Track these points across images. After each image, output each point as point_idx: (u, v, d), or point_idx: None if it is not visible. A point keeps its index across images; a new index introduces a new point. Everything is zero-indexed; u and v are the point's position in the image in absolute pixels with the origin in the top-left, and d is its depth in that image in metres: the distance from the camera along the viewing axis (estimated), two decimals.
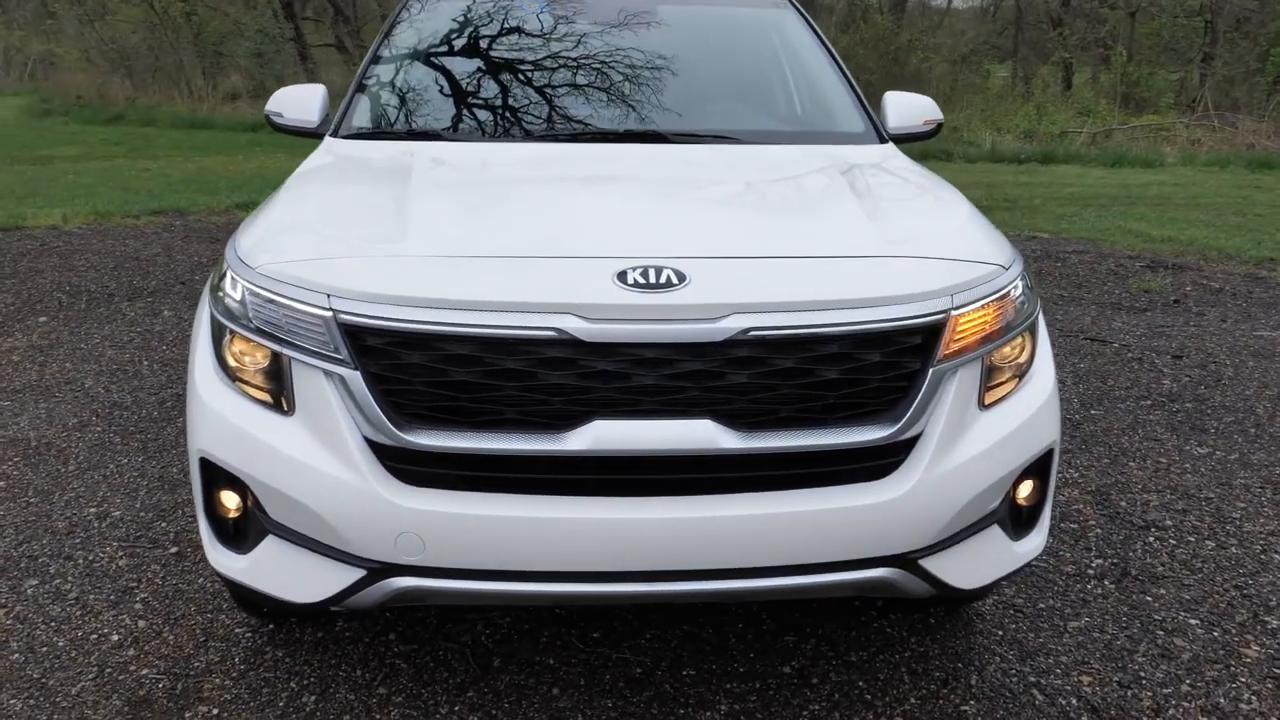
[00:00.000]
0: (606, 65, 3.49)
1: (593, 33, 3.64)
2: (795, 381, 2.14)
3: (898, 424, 2.18)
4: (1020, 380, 2.43)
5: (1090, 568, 3.41)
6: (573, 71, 3.49)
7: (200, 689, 2.70)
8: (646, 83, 3.44)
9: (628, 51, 3.54)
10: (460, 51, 3.63)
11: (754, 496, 2.14)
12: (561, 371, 2.08)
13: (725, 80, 3.62)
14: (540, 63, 3.54)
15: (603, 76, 3.47)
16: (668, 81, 3.47)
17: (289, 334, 2.17)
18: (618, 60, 3.50)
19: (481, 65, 3.57)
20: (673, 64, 3.53)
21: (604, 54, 3.53)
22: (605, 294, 2.08)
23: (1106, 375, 5.50)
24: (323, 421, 2.15)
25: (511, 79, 3.51)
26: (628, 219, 2.46)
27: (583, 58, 3.52)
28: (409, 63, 3.61)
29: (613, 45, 3.56)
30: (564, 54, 3.56)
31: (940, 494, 2.20)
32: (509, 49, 3.63)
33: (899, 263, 2.29)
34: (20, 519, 3.65)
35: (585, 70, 3.49)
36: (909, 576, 2.24)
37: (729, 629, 3.00)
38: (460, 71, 3.55)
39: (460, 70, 3.56)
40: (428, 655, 2.86)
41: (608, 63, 3.49)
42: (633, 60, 3.51)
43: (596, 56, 3.53)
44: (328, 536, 2.16)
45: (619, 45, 3.56)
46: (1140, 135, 18.10)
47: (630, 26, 3.65)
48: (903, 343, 2.19)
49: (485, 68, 3.55)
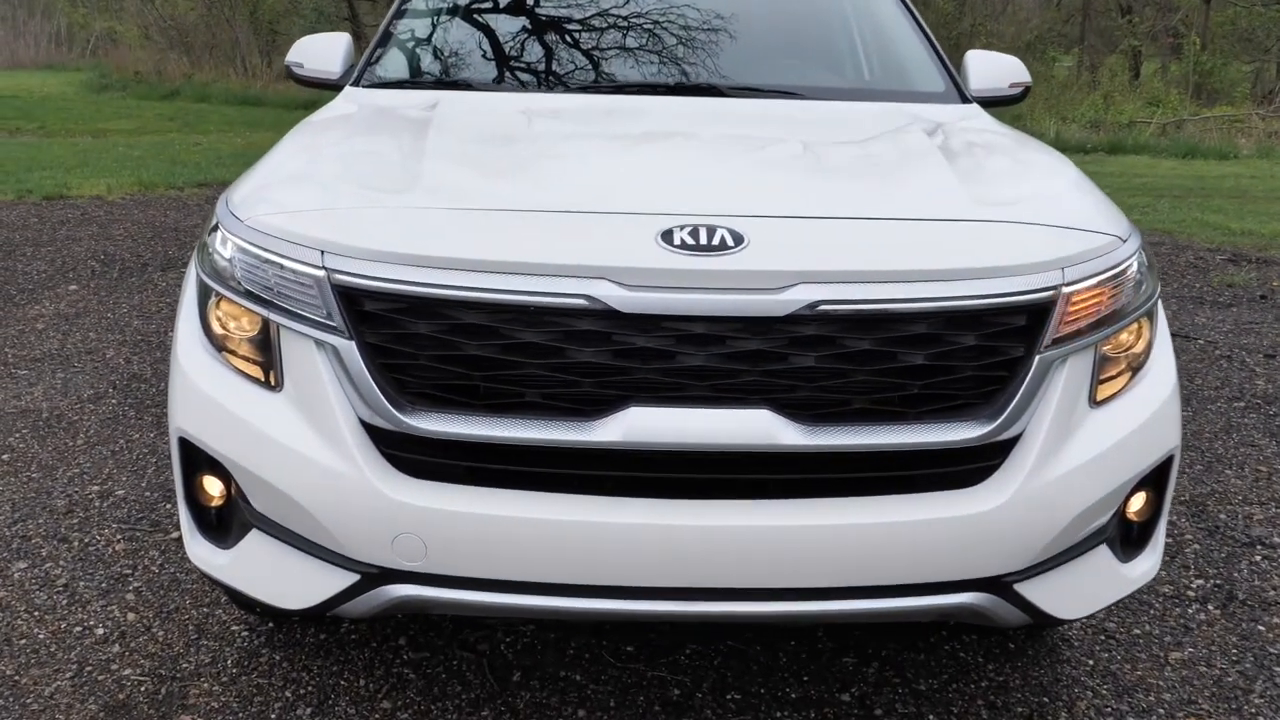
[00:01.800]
0: (656, 13, 3.14)
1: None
2: (872, 367, 1.79)
3: (995, 421, 1.81)
4: (1135, 374, 2.05)
5: (1190, 589, 3.01)
6: (619, 19, 3.14)
7: (186, 694, 2.42)
8: (699, 33, 3.08)
9: (680, 1, 3.18)
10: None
11: (818, 503, 1.79)
12: (593, 347, 1.75)
13: (788, 32, 3.23)
14: (583, 9, 3.19)
15: (652, 25, 3.11)
16: (723, 32, 3.11)
17: (278, 297, 1.86)
18: (669, 9, 3.14)
19: (520, 11, 3.23)
20: (729, 13, 3.16)
21: (654, 2, 3.17)
22: (647, 256, 1.74)
23: (1193, 374, 5.05)
24: (313, 400, 1.84)
25: (551, 27, 3.17)
26: (676, 172, 2.11)
27: (630, 4, 3.17)
28: (440, 8, 3.28)
29: None
30: (610, 1, 3.21)
31: (1043, 507, 1.84)
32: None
33: (1000, 229, 1.92)
34: (19, 495, 3.41)
35: (633, 18, 3.14)
36: (1002, 604, 1.88)
37: (780, 648, 2.66)
38: (496, 18, 3.22)
39: (496, 16, 3.22)
40: (440, 665, 2.55)
41: (658, 11, 3.14)
42: (685, 9, 3.15)
43: (646, 4, 3.17)
44: (316, 534, 1.85)
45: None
46: (1213, 126, 17.31)
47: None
48: (1004, 324, 1.82)
49: (524, 14, 3.22)
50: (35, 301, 5.82)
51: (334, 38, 3.22)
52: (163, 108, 19.49)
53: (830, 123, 2.66)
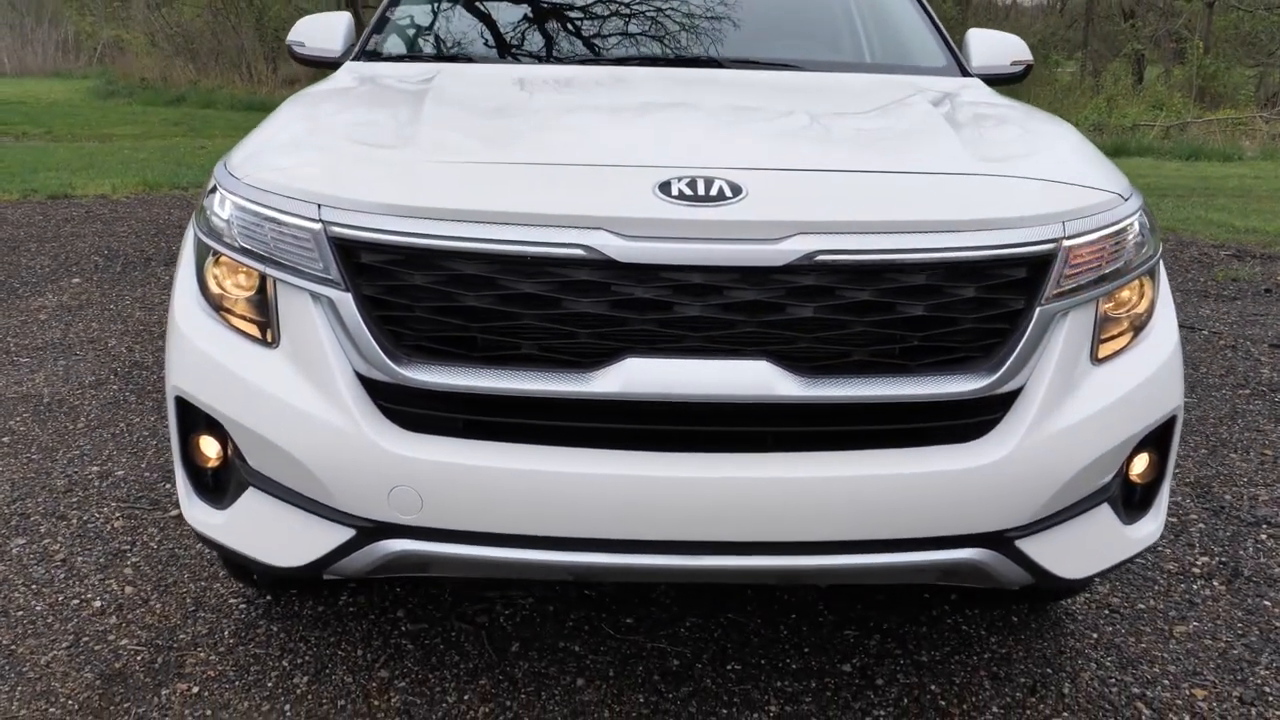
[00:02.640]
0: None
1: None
2: (871, 318, 1.77)
3: (995, 374, 1.80)
4: (1137, 334, 2.04)
5: (1195, 566, 2.99)
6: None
7: (182, 663, 2.41)
8: (699, 10, 3.07)
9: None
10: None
11: (817, 456, 1.78)
12: (590, 298, 1.74)
13: (787, 8, 3.22)
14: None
15: (653, 5, 3.11)
16: (722, 10, 3.10)
17: (276, 251, 1.86)
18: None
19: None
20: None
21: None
22: (644, 206, 1.73)
23: (1198, 363, 5.03)
24: (309, 355, 1.83)
25: (552, 3, 3.16)
26: (675, 129, 2.10)
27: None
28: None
29: None
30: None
31: (1045, 462, 1.82)
32: None
33: (1001, 182, 1.91)
34: (18, 475, 3.40)
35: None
36: (1003, 560, 1.86)
37: (781, 620, 2.64)
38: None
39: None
40: (438, 636, 2.53)
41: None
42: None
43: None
44: (311, 489, 1.84)
45: None
46: (1217, 129, 17.29)
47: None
48: (1004, 276, 1.81)
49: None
50: (38, 294, 5.82)
51: (335, 16, 3.22)
52: (168, 113, 19.56)
53: (830, 89, 2.65)
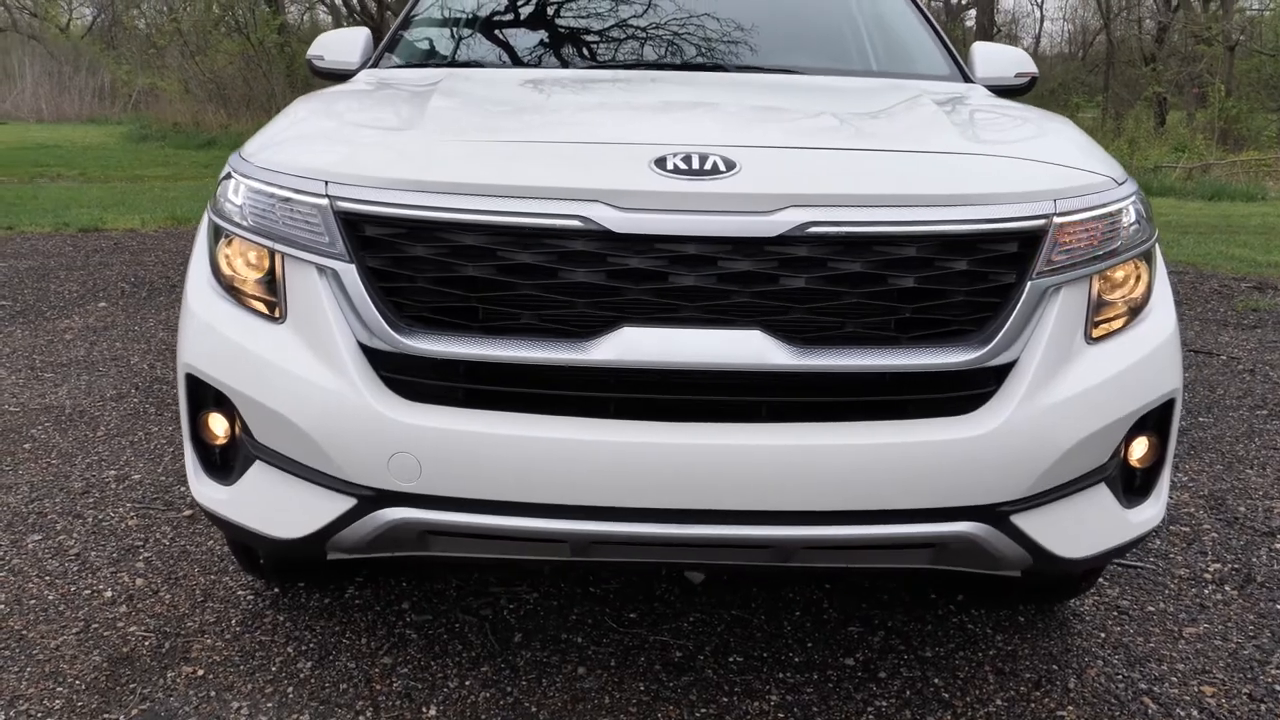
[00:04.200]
0: (665, 1, 3.21)
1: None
2: (863, 290, 1.80)
3: (987, 346, 1.81)
4: (1134, 317, 2.05)
5: (1207, 572, 2.96)
6: (630, 6, 3.22)
7: (188, 649, 2.43)
8: (703, 20, 3.15)
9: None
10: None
11: (810, 426, 1.80)
12: (587, 268, 1.78)
13: (790, 18, 3.29)
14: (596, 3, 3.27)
15: (660, 12, 3.18)
16: (726, 20, 3.17)
17: (284, 227, 1.91)
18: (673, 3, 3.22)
19: (534, 3, 3.32)
20: (737, 4, 3.22)
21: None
22: (640, 180, 1.77)
23: (1215, 385, 5.00)
24: (314, 326, 1.87)
25: (564, 12, 3.25)
26: (670, 110, 2.16)
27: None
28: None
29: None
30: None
31: (1038, 434, 1.83)
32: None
33: (993, 161, 1.94)
34: (38, 478, 3.46)
35: (643, 5, 3.21)
36: (998, 535, 1.86)
37: (784, 615, 2.63)
38: (511, 5, 3.31)
39: (511, 4, 3.31)
40: (442, 627, 2.55)
41: (662, 4, 3.22)
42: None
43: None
44: (314, 458, 1.88)
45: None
46: (1240, 170, 17.27)
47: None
48: (995, 250, 1.84)
49: (537, 1, 3.30)
50: (65, 316, 5.94)
51: (354, 32, 3.31)
52: (199, 156, 19.95)
53: (830, 88, 2.71)
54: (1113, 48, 25.64)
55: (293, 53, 26.12)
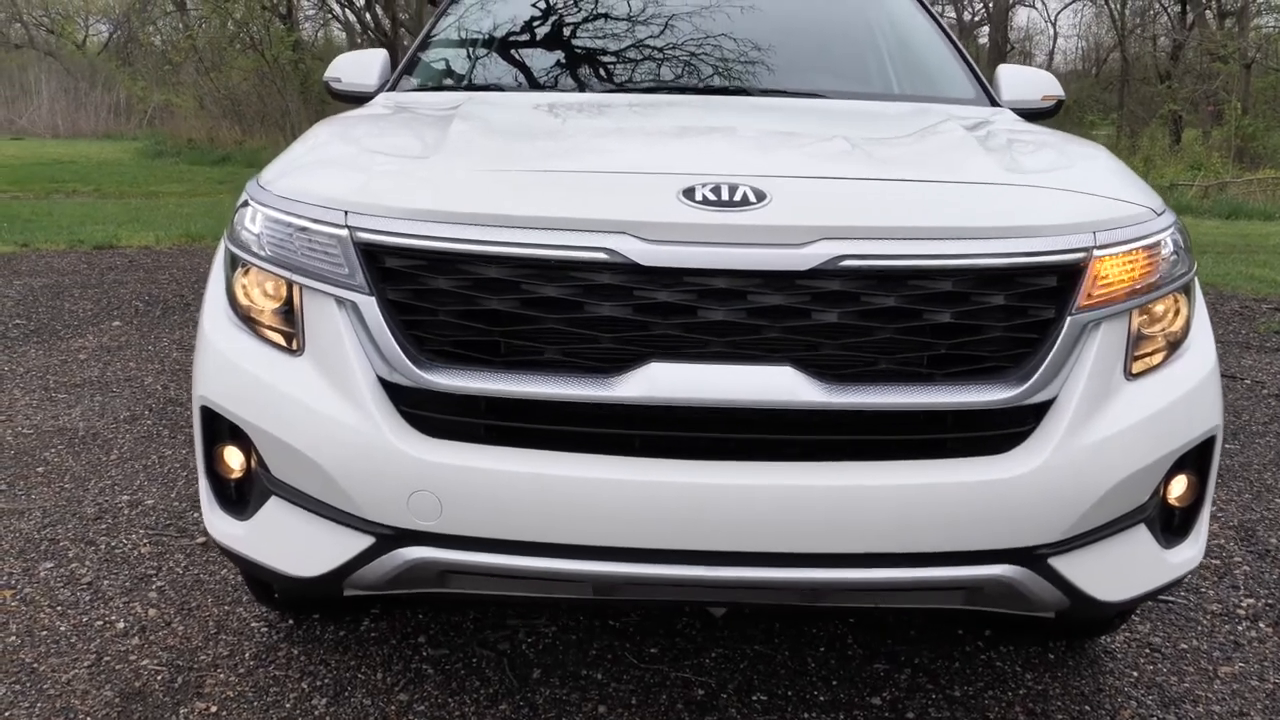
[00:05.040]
0: (690, 23, 3.18)
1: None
2: (897, 325, 1.75)
3: (1025, 384, 1.76)
4: (1173, 352, 1.99)
5: (1240, 608, 2.88)
6: (648, 28, 3.18)
7: (201, 684, 2.39)
8: (726, 43, 3.11)
9: (707, 12, 3.22)
10: (528, 8, 3.36)
11: (842, 466, 1.75)
12: (613, 302, 1.73)
13: (815, 43, 3.24)
14: (614, 18, 3.24)
15: (680, 34, 3.15)
16: (747, 41, 3.13)
17: (303, 258, 1.87)
18: (696, 20, 3.18)
19: (552, 20, 3.29)
20: (757, 26, 3.19)
21: (682, 13, 3.21)
22: (668, 211, 1.73)
23: (1240, 410, 4.92)
24: (332, 359, 1.83)
25: (583, 34, 3.22)
26: (702, 139, 2.11)
27: (659, 15, 3.21)
28: (473, 21, 3.35)
29: (700, 4, 3.24)
30: (639, 12, 3.26)
31: (1077, 475, 1.77)
32: (580, 3, 3.33)
33: (1031, 192, 1.89)
34: (51, 503, 3.43)
35: (661, 27, 3.18)
36: (1035, 578, 1.81)
37: (808, 652, 2.57)
38: (529, 27, 3.28)
39: (529, 26, 3.28)
40: (459, 662, 2.49)
41: (686, 21, 3.18)
42: (712, 21, 3.19)
43: (675, 14, 3.21)
44: (332, 495, 1.83)
45: (706, 4, 3.24)
46: (1257, 189, 17.15)
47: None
48: (1034, 284, 1.78)
49: (555, 23, 3.27)
50: (79, 335, 5.92)
51: (371, 53, 3.28)
52: (214, 172, 20.05)
53: (857, 113, 2.66)
54: (1127, 65, 25.58)
55: (307, 69, 26.26)
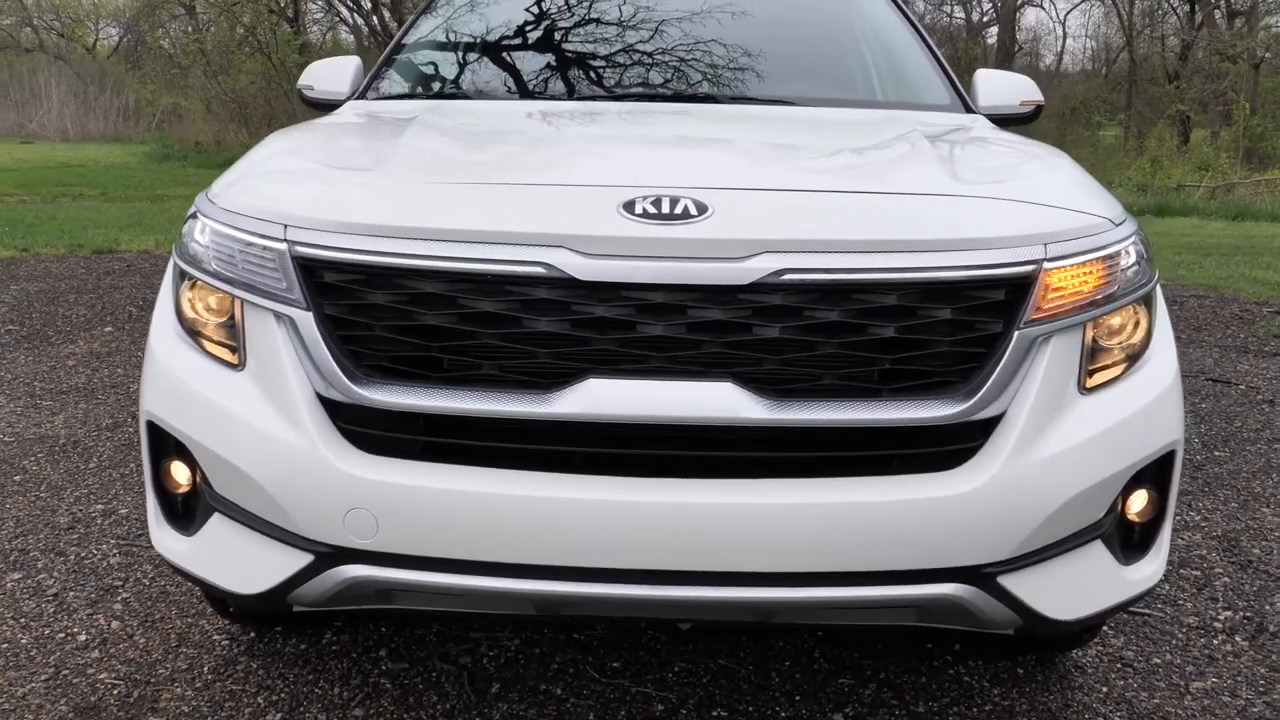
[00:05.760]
0: (656, 29, 3.15)
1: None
2: (840, 340, 1.72)
3: (972, 399, 1.73)
4: (1132, 364, 1.96)
5: (1218, 620, 2.84)
6: (618, 34, 3.16)
7: (157, 698, 2.37)
8: (694, 49, 3.08)
9: (680, 17, 3.19)
10: (499, 17, 3.33)
11: (786, 483, 1.72)
12: (551, 317, 1.71)
13: (790, 47, 3.20)
14: (582, 25, 3.22)
15: (650, 40, 3.12)
16: (718, 47, 3.10)
17: (244, 273, 1.85)
18: (668, 24, 3.15)
19: (520, 28, 3.27)
20: (728, 32, 3.15)
21: (654, 18, 3.18)
22: (607, 224, 1.70)
23: (1233, 416, 4.86)
24: (272, 375, 1.81)
25: (551, 43, 3.19)
26: (644, 148, 2.09)
27: (629, 21, 3.19)
28: (445, 29, 3.33)
29: (665, 10, 3.22)
30: (607, 18, 3.23)
31: (1027, 492, 1.74)
32: (553, 12, 3.30)
33: (979, 203, 1.86)
34: (25, 512, 3.42)
35: (631, 33, 3.15)
36: (984, 597, 1.77)
37: (773, 666, 2.54)
38: (496, 35, 3.26)
39: (496, 34, 3.26)
40: (419, 676, 2.47)
41: (657, 27, 3.15)
42: (684, 25, 3.16)
43: (645, 20, 3.19)
44: (272, 513, 1.81)
45: (672, 10, 3.21)
46: (1265, 190, 17.03)
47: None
48: (981, 298, 1.75)
49: (524, 30, 3.25)
50: (70, 341, 5.93)
51: (343, 61, 3.26)
52: (220, 175, 20.12)
53: (818, 121, 2.63)
54: (1135, 65, 25.44)
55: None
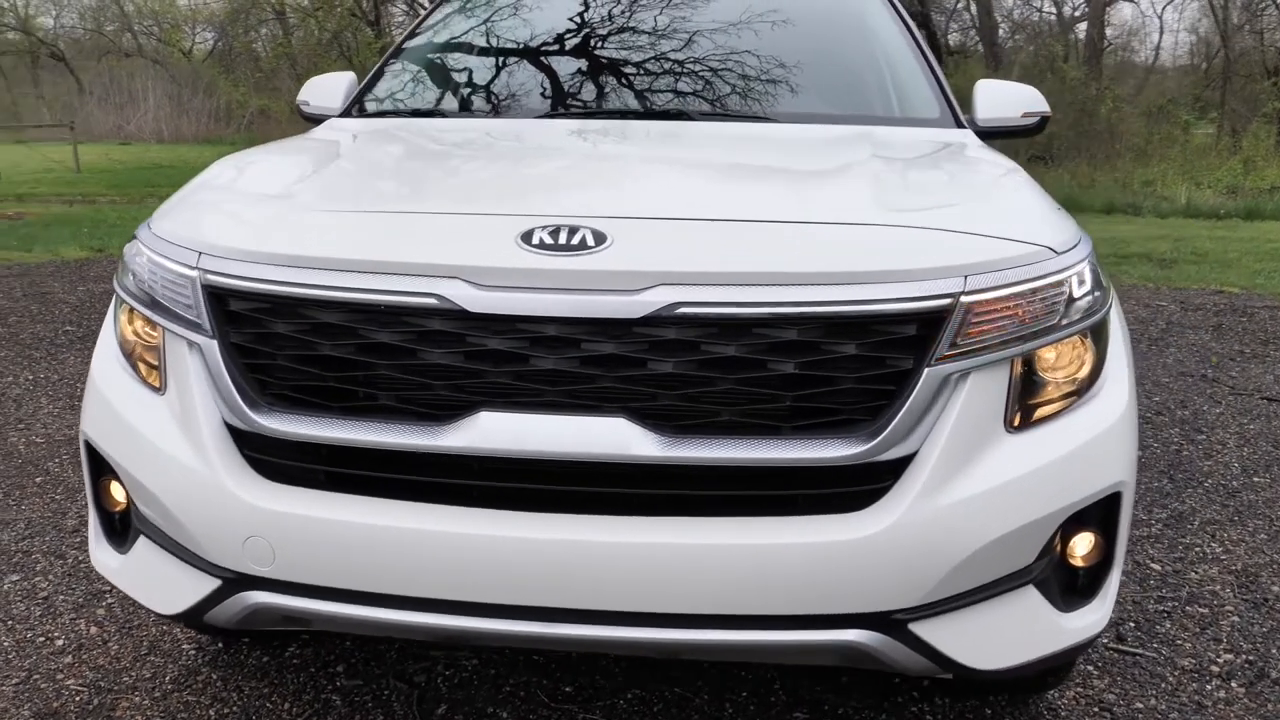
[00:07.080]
0: (637, 44, 3.11)
1: (629, 11, 3.26)
2: (738, 375, 1.66)
3: (875, 439, 1.65)
4: (1075, 400, 1.85)
5: (1215, 663, 2.69)
6: (595, 50, 3.12)
7: (115, 707, 2.42)
8: (682, 60, 3.02)
9: (664, 31, 3.13)
10: (486, 37, 3.32)
11: (682, 522, 1.67)
12: (444, 349, 1.69)
13: (771, 60, 3.07)
14: (550, 41, 3.18)
15: (631, 55, 3.08)
16: (698, 61, 3.02)
17: (164, 298, 1.88)
18: (651, 39, 3.10)
19: (503, 46, 3.25)
20: (707, 41, 3.07)
21: (637, 33, 3.14)
22: (502, 256, 1.68)
23: (1279, 441, 4.60)
24: (184, 402, 1.84)
25: (517, 59, 3.17)
26: (549, 177, 2.06)
27: (612, 36, 3.15)
28: (430, 49, 3.34)
29: (648, 24, 3.16)
30: (594, 35, 3.19)
31: (936, 535, 1.66)
32: (540, 31, 3.27)
33: (898, 232, 1.77)
34: (36, 514, 3.54)
35: (611, 48, 3.12)
36: (895, 645, 1.69)
37: (729, 697, 2.49)
38: (479, 53, 3.25)
39: (480, 52, 3.25)
40: (369, 694, 2.48)
41: (639, 42, 3.11)
42: (669, 38, 3.10)
43: (629, 36, 3.14)
44: (181, 537, 1.83)
45: (655, 24, 3.16)
46: None
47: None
48: (889, 333, 1.67)
49: (506, 49, 3.23)
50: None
51: (338, 76, 3.30)
52: None
53: (772, 140, 2.54)
54: (1229, 61, 24.35)
55: None
